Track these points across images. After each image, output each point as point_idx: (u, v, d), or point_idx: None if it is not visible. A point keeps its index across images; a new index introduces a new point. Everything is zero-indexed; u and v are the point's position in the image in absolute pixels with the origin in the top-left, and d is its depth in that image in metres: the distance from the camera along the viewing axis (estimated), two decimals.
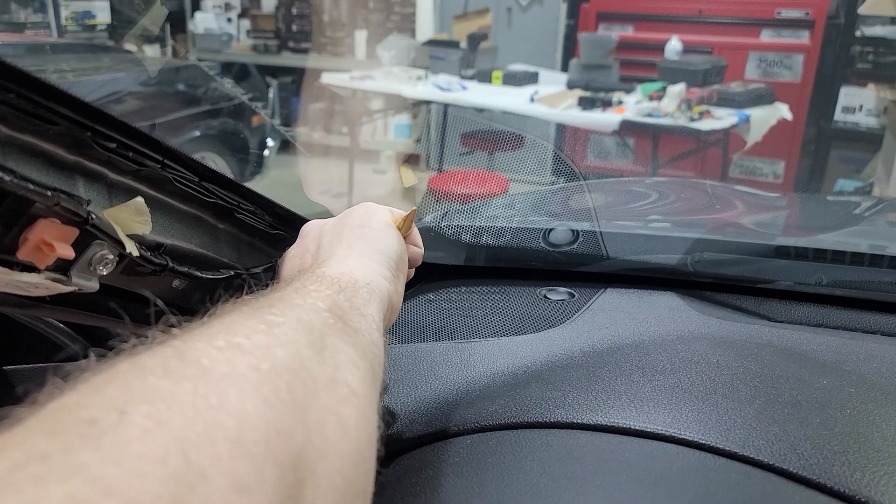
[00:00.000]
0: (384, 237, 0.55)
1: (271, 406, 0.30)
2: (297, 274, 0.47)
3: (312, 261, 0.54)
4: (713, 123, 3.28)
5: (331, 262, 0.50)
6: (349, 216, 0.57)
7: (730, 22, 4.42)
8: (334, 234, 0.55)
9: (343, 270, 0.47)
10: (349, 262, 0.50)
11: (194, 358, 0.30)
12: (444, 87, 3.95)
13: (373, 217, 0.57)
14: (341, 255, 0.51)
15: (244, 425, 0.28)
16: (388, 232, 0.56)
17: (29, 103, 0.39)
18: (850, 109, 4.39)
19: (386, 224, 0.57)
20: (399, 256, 0.55)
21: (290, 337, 0.35)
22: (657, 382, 0.57)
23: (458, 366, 0.67)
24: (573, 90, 3.76)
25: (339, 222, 0.57)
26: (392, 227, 0.57)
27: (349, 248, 0.53)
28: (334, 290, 0.43)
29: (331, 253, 0.52)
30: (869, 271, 0.81)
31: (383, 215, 0.58)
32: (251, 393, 0.29)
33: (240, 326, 0.34)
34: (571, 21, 5.04)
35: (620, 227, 0.91)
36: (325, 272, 0.46)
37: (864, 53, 4.38)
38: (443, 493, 0.47)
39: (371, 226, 0.55)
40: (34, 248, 0.40)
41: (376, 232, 0.55)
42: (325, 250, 0.54)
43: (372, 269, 0.50)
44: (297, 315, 0.38)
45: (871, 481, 0.47)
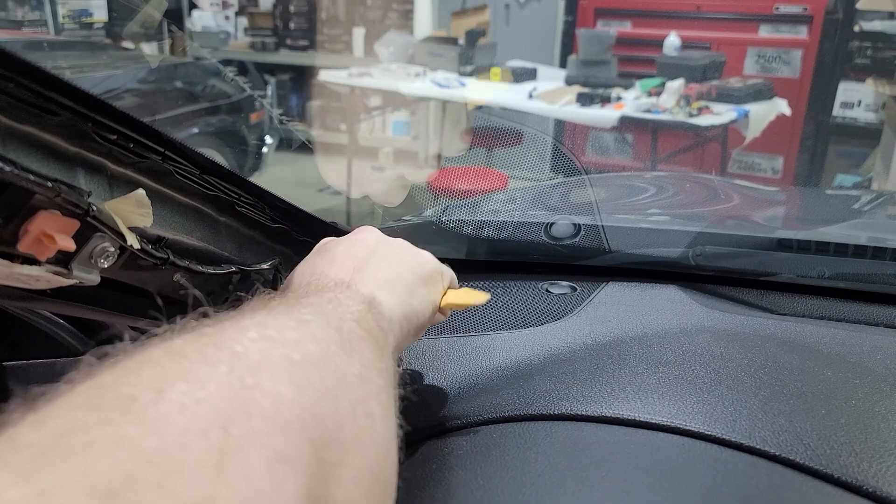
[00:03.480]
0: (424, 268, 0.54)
1: (304, 391, 0.31)
2: (328, 284, 0.47)
3: (343, 274, 0.51)
4: (712, 119, 3.28)
5: (363, 281, 0.49)
6: (387, 244, 0.56)
7: (728, 17, 4.42)
8: (363, 253, 0.53)
9: (373, 294, 0.47)
10: (381, 290, 0.49)
11: (228, 345, 0.30)
12: (442, 84, 3.95)
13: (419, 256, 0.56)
14: (376, 278, 0.50)
15: (279, 405, 0.28)
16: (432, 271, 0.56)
17: (29, 93, 0.39)
18: (849, 104, 4.39)
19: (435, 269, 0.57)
20: (431, 277, 0.55)
21: (320, 335, 0.36)
22: (661, 374, 0.57)
23: (461, 360, 0.67)
24: (572, 86, 3.76)
25: (374, 245, 0.55)
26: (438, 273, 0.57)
27: (383, 269, 0.51)
28: (364, 307, 0.44)
29: (360, 270, 0.51)
30: (872, 264, 0.81)
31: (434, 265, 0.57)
32: (285, 378, 0.30)
33: (272, 321, 0.35)
34: (569, 17, 5.03)
35: (622, 220, 0.90)
36: (358, 289, 0.46)
37: (863, 48, 4.37)
38: (447, 485, 0.47)
39: (413, 259, 0.55)
40: (35, 239, 0.39)
41: (419, 266, 0.54)
42: (351, 266, 0.52)
43: (400, 300, 0.49)
44: (327, 318, 0.38)
45: (878, 472, 0.47)
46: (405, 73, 4.10)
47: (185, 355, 0.29)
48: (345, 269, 0.51)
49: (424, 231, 0.90)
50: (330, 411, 0.31)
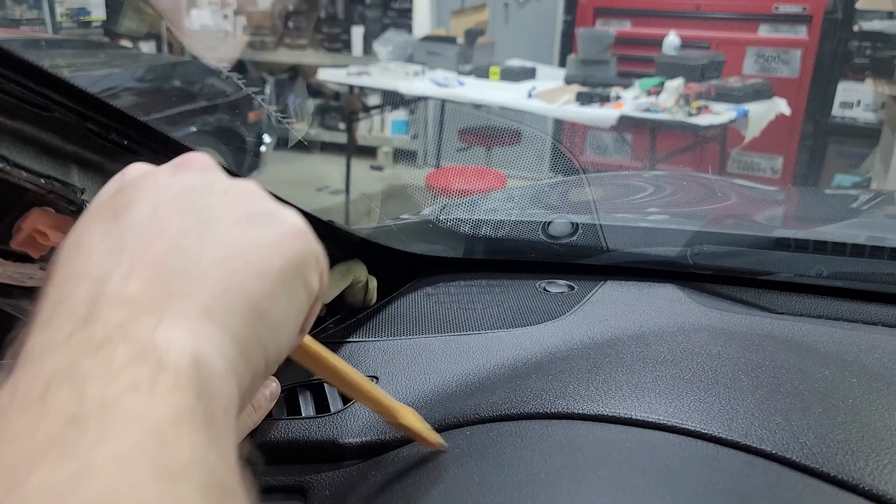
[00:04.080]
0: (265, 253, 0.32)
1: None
2: (108, 341, 0.25)
3: (134, 288, 0.28)
4: (711, 118, 3.28)
5: (174, 313, 0.27)
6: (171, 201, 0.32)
7: (727, 17, 4.43)
8: (172, 229, 0.30)
9: (196, 346, 0.26)
10: (209, 324, 0.28)
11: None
12: (441, 83, 3.95)
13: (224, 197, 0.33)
14: (197, 297, 0.28)
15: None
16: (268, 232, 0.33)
17: (23, 90, 0.39)
18: (848, 104, 4.40)
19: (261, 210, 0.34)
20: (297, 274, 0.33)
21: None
22: (658, 373, 0.57)
23: (458, 358, 0.67)
24: (571, 85, 3.76)
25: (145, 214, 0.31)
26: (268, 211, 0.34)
27: (209, 268, 0.30)
28: (191, 395, 0.25)
29: (163, 278, 0.28)
30: (869, 263, 0.81)
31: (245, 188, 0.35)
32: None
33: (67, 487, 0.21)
34: (569, 16, 5.03)
35: (620, 219, 0.90)
36: (169, 349, 0.25)
37: (862, 48, 4.38)
38: (443, 483, 0.47)
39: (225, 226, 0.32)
40: (28, 237, 0.39)
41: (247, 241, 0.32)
42: (150, 268, 0.28)
43: (242, 333, 0.29)
44: (156, 436, 0.23)
45: (875, 470, 0.46)
46: (404, 72, 4.10)
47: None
48: (137, 278, 0.28)
49: (422, 230, 0.90)
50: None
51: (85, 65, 3.24)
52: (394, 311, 0.77)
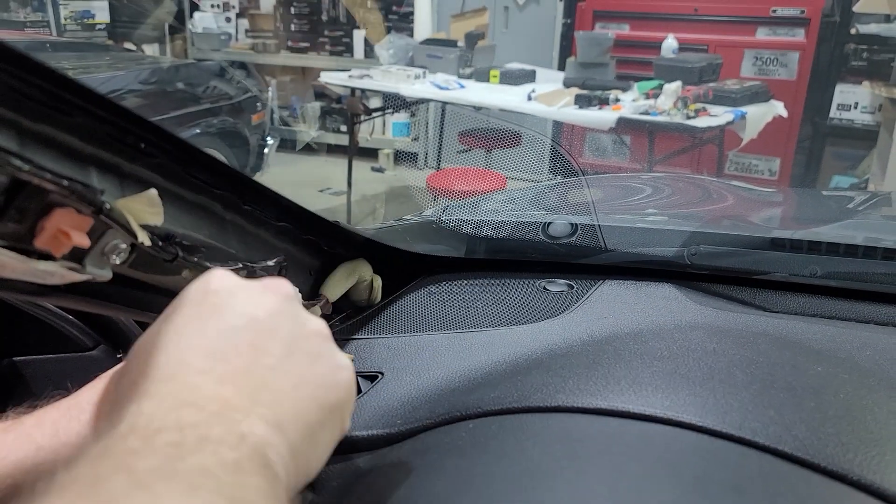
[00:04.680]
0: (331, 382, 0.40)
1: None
2: (209, 418, 0.32)
3: (224, 390, 0.35)
4: (709, 121, 3.30)
5: (248, 407, 0.34)
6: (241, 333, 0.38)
7: (725, 20, 4.44)
8: (261, 349, 0.38)
9: (263, 439, 0.33)
10: (274, 430, 0.34)
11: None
12: (441, 86, 3.96)
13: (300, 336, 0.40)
14: (270, 407, 0.35)
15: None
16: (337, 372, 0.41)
17: (46, 95, 0.40)
18: (846, 107, 4.42)
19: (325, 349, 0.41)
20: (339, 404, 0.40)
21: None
22: (655, 368, 0.59)
23: (460, 355, 0.68)
24: (570, 88, 3.77)
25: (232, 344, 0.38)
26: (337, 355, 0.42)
27: (283, 392, 0.37)
28: (260, 477, 0.32)
29: (245, 381, 0.36)
30: (863, 263, 0.82)
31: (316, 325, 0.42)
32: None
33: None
34: (568, 20, 5.06)
35: (619, 220, 0.92)
36: (243, 430, 0.33)
37: (859, 51, 4.40)
38: (446, 474, 0.48)
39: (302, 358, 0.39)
40: (51, 236, 0.40)
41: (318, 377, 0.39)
42: (235, 372, 0.36)
43: (295, 448, 0.35)
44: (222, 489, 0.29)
45: (864, 461, 0.48)
46: (405, 75, 4.12)
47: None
48: (228, 377, 0.35)
49: (424, 230, 0.92)
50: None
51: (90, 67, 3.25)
52: (398, 309, 0.79)
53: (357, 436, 0.60)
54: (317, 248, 0.72)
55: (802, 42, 4.29)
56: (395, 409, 0.61)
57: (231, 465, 0.30)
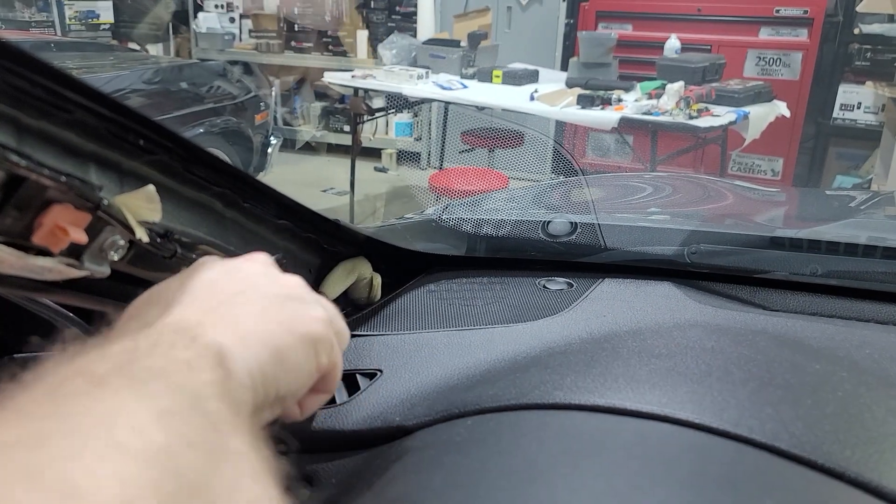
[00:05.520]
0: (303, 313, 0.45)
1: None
2: (168, 332, 0.37)
3: (190, 313, 0.41)
4: (711, 121, 3.29)
5: (212, 326, 0.39)
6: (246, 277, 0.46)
7: (729, 20, 4.44)
8: (229, 288, 0.44)
9: (223, 349, 0.37)
10: (236, 344, 0.39)
11: (59, 474, 0.24)
12: (444, 86, 3.97)
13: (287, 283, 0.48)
14: (233, 326, 0.40)
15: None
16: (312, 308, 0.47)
17: (46, 91, 0.40)
18: (849, 107, 4.41)
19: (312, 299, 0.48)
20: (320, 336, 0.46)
21: (193, 437, 0.29)
22: (653, 366, 0.59)
23: (459, 352, 0.68)
24: (573, 88, 3.77)
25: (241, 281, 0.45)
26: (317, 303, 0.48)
27: (247, 316, 0.42)
28: (220, 373, 0.35)
29: (214, 310, 0.41)
30: (863, 261, 0.82)
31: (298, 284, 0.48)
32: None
33: (125, 415, 0.28)
34: (571, 20, 5.06)
35: (618, 219, 0.92)
36: (204, 341, 0.37)
37: (863, 51, 4.40)
38: (444, 470, 0.49)
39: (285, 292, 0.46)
40: (49, 232, 0.41)
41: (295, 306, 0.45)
42: (205, 304, 0.42)
43: (260, 363, 0.40)
44: (191, 401, 0.31)
45: (861, 459, 0.48)
46: (408, 75, 4.12)
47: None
48: (195, 307, 0.41)
49: (425, 229, 0.92)
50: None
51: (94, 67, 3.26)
52: (397, 307, 0.79)
53: (356, 432, 0.60)
54: (317, 246, 0.72)
55: (806, 42, 4.29)
56: (394, 407, 0.61)
57: (182, 363, 0.34)
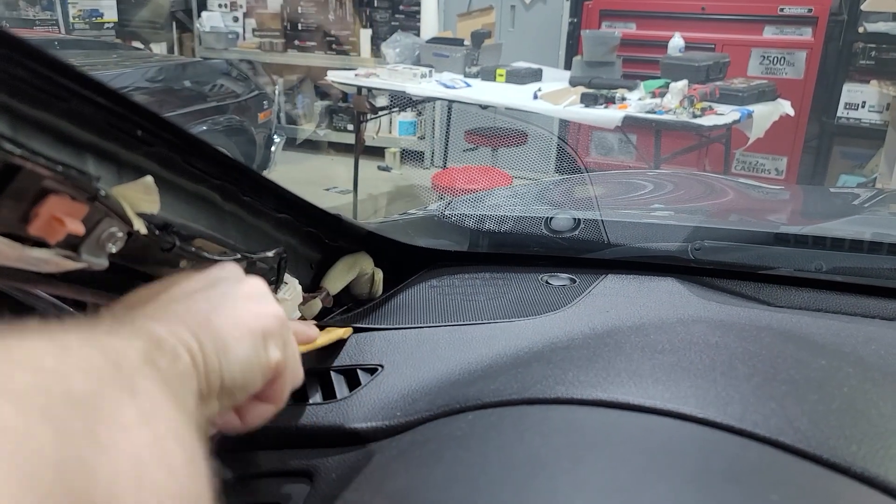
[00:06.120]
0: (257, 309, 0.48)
1: (63, 432, 0.26)
2: (112, 321, 0.40)
3: (148, 309, 0.45)
4: (715, 120, 3.28)
5: (166, 317, 0.42)
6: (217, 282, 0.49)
7: (732, 18, 4.43)
8: (190, 288, 0.47)
9: (172, 333, 0.40)
10: (187, 331, 0.42)
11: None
12: (448, 85, 3.96)
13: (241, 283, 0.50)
14: (185, 317, 0.43)
15: (25, 445, 0.24)
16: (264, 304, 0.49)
17: (43, 80, 0.40)
18: (853, 106, 4.40)
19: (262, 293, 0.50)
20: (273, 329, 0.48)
21: (89, 367, 0.31)
22: (656, 361, 0.58)
23: (461, 347, 0.68)
24: (576, 87, 3.76)
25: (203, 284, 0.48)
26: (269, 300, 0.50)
27: (201, 310, 0.44)
28: (151, 344, 0.38)
29: (168, 305, 0.44)
30: (868, 258, 0.82)
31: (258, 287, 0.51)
32: (35, 413, 0.26)
33: (25, 344, 0.30)
34: (574, 18, 5.05)
35: (622, 215, 0.91)
36: (148, 324, 0.40)
37: (867, 50, 4.38)
38: (445, 464, 0.48)
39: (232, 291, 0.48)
40: (45, 223, 0.40)
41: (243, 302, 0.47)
42: (163, 301, 0.45)
43: (212, 348, 0.42)
44: (102, 350, 0.33)
45: (867, 454, 0.48)
46: (411, 74, 4.12)
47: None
48: (150, 307, 0.44)
49: (427, 224, 0.92)
50: (100, 459, 0.27)
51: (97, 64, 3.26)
52: (399, 302, 0.79)
53: (357, 427, 0.59)
54: (318, 240, 0.72)
55: (810, 41, 4.27)
56: (395, 402, 0.61)
57: (112, 331, 0.36)
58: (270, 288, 0.63)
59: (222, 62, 4.08)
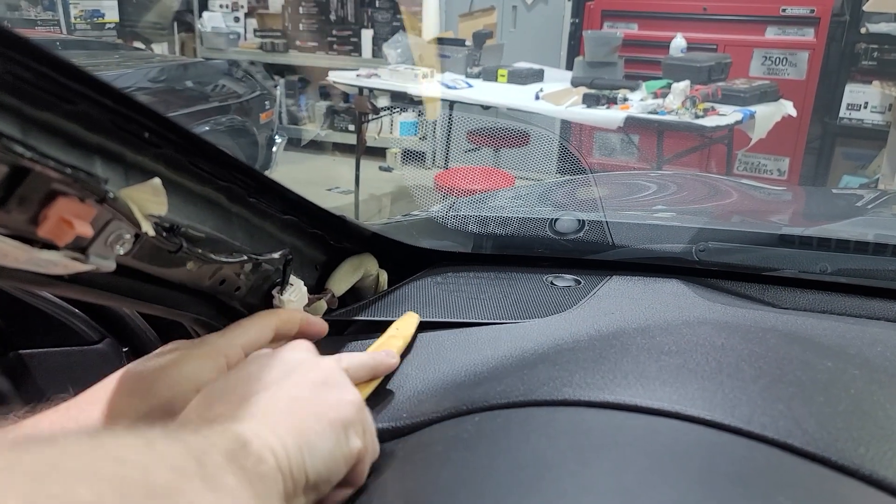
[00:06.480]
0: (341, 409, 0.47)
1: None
2: (197, 422, 0.41)
3: (222, 408, 0.44)
4: (717, 120, 3.28)
5: (244, 417, 0.42)
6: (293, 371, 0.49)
7: (735, 19, 4.43)
8: (262, 382, 0.47)
9: (255, 434, 0.40)
10: (269, 431, 0.42)
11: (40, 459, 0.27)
12: (449, 85, 3.96)
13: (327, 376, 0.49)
14: (264, 415, 0.43)
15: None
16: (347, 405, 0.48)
17: (51, 83, 0.40)
18: (855, 106, 4.40)
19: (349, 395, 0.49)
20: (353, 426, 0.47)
21: (174, 462, 0.31)
22: (662, 363, 0.58)
23: (467, 349, 0.68)
24: (578, 87, 3.76)
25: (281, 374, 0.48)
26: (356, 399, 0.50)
27: (279, 407, 0.44)
28: (237, 445, 0.38)
29: (244, 403, 0.44)
30: (873, 259, 0.82)
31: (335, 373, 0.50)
32: (110, 499, 0.27)
33: (111, 439, 0.31)
34: (576, 19, 5.05)
35: (626, 216, 0.91)
36: (232, 426, 0.40)
37: (869, 50, 4.38)
38: (451, 466, 0.48)
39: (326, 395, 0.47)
40: (54, 225, 0.40)
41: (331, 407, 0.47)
42: (237, 399, 0.45)
43: (294, 447, 0.42)
44: (187, 446, 0.34)
45: (875, 456, 0.47)
46: (413, 75, 4.11)
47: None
48: (231, 403, 0.44)
49: (431, 226, 0.92)
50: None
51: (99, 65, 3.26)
52: (403, 296, 0.79)
53: None
54: (323, 242, 0.72)
55: (812, 41, 4.27)
56: (401, 403, 0.61)
57: (197, 430, 0.37)
58: (275, 290, 0.63)
59: (224, 62, 4.08)
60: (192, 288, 0.57)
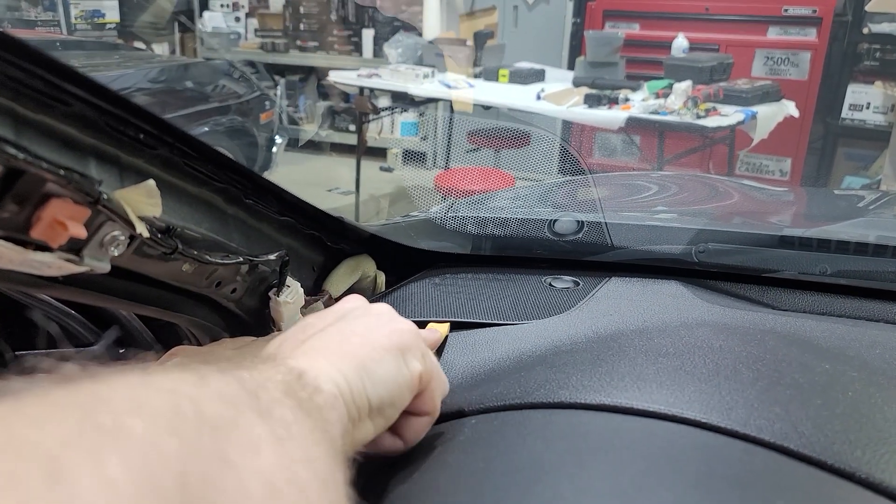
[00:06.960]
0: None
1: (191, 449, 0.27)
2: (254, 360, 0.41)
3: (284, 348, 0.47)
4: (719, 120, 3.28)
5: (301, 353, 0.45)
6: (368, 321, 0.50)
7: (736, 19, 4.43)
8: (320, 325, 0.49)
9: (310, 366, 0.42)
10: (326, 363, 0.43)
11: (97, 393, 0.28)
12: (450, 85, 3.96)
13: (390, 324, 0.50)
14: (320, 350, 0.45)
15: (150, 456, 0.25)
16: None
17: (43, 83, 0.40)
18: (858, 107, 4.39)
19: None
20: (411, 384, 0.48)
21: (228, 395, 0.32)
22: (660, 365, 0.58)
23: (465, 351, 0.68)
24: (579, 88, 3.76)
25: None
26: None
27: (334, 341, 0.46)
28: (292, 377, 0.39)
29: (303, 342, 0.46)
30: (873, 261, 0.82)
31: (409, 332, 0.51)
32: (164, 428, 0.27)
33: (165, 374, 0.32)
34: (578, 19, 5.05)
35: (625, 217, 0.91)
36: (287, 361, 0.42)
37: (872, 51, 4.38)
38: (448, 469, 0.48)
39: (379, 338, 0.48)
40: (47, 226, 0.40)
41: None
42: (298, 340, 0.47)
43: (352, 375, 0.43)
44: (241, 382, 0.34)
45: (872, 459, 0.47)
46: (414, 74, 4.12)
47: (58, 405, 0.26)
48: (286, 345, 0.46)
49: (430, 227, 0.91)
50: (227, 476, 0.28)
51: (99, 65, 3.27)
52: (401, 297, 0.79)
53: None
54: (320, 243, 0.72)
55: (814, 41, 4.27)
56: None
57: (251, 366, 0.37)
58: (272, 291, 0.63)
59: (224, 63, 4.08)
60: (188, 290, 0.57)
